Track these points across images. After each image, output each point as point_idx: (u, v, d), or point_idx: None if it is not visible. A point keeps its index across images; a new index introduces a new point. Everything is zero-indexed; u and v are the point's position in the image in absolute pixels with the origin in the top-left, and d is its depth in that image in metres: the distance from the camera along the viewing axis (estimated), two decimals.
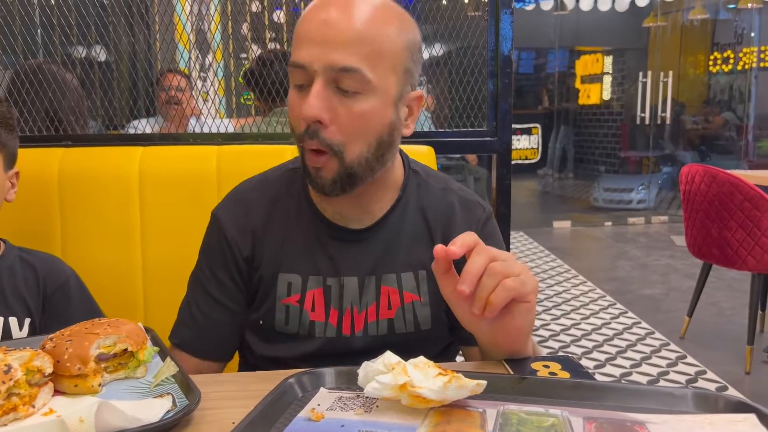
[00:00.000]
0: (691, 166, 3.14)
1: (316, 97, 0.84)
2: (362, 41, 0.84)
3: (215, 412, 0.70)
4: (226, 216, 1.03)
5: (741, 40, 7.93)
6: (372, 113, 0.87)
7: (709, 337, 3.45)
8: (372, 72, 0.84)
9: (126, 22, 1.73)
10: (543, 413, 0.65)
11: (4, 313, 1.08)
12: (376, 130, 0.88)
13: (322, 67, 0.84)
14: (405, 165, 1.04)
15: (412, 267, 0.99)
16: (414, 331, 0.99)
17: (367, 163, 0.89)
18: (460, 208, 1.03)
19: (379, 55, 0.85)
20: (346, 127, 0.86)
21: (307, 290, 0.97)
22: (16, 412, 0.66)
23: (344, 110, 0.85)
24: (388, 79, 0.87)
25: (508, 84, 1.64)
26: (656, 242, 6.12)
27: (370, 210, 0.99)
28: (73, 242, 1.38)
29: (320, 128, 0.86)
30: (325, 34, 0.84)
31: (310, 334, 0.97)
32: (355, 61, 0.83)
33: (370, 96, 0.86)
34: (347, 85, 0.84)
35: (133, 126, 1.76)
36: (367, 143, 0.88)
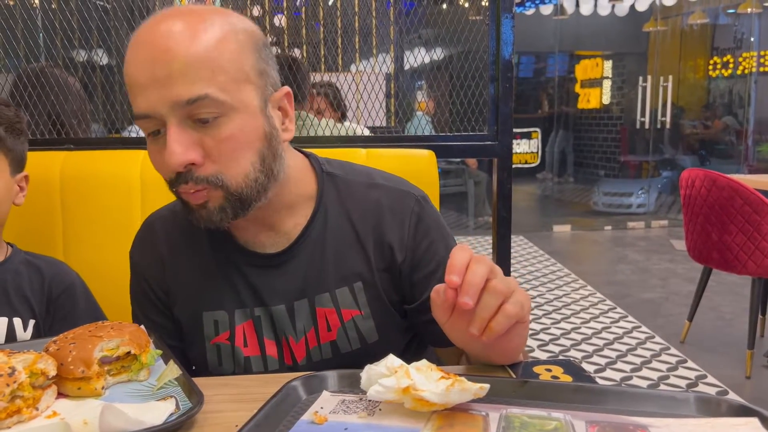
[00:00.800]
0: (691, 170, 3.15)
1: (176, 142, 0.76)
2: (198, 64, 0.76)
3: (218, 415, 0.70)
4: (136, 252, 1.00)
5: (741, 44, 7.94)
6: (241, 132, 0.79)
7: (709, 342, 3.45)
8: (222, 92, 0.77)
9: (128, 26, 1.73)
10: (545, 417, 0.65)
11: (8, 313, 1.09)
12: (252, 146, 0.81)
13: (168, 108, 0.76)
14: (317, 171, 0.96)
15: (345, 280, 0.92)
16: (360, 347, 0.93)
17: (256, 183, 0.82)
18: (389, 203, 0.94)
19: (222, 71, 0.77)
20: (219, 157, 0.79)
21: (236, 325, 0.91)
22: (20, 414, 0.66)
23: (211, 141, 0.78)
24: (243, 91, 0.79)
25: (509, 88, 1.64)
26: (656, 246, 6.12)
27: (283, 230, 0.92)
28: (75, 245, 1.38)
29: (193, 169, 0.78)
30: (156, 72, 0.75)
31: (246, 371, 0.92)
32: (200, 89, 0.75)
33: (231, 116, 0.78)
34: (203, 114, 0.76)
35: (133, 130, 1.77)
36: (249, 163, 0.81)
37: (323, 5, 1.86)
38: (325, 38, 1.84)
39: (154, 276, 0.97)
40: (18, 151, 1.12)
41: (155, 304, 0.98)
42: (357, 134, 2.04)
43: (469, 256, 0.70)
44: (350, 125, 3.01)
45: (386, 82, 1.88)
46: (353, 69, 1.89)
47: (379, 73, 1.81)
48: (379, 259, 0.93)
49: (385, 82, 1.86)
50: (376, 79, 1.76)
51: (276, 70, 0.86)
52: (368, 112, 1.74)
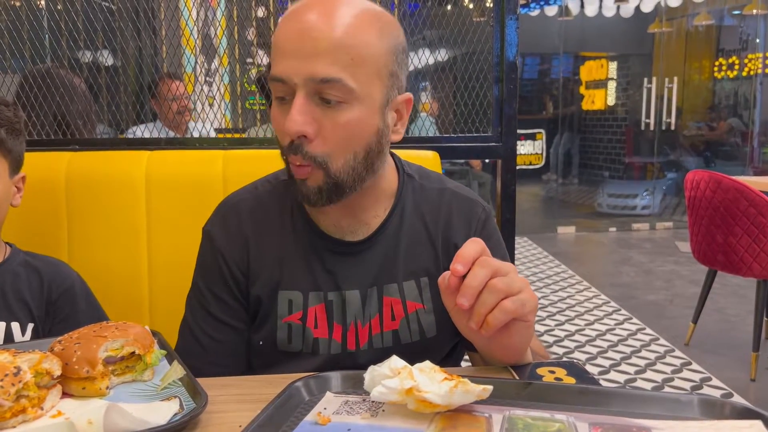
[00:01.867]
0: (696, 172, 3.14)
1: (298, 111, 0.81)
2: (342, 49, 0.80)
3: (222, 415, 0.70)
4: (217, 230, 1.00)
5: (746, 46, 7.92)
6: (357, 122, 0.84)
7: (714, 344, 3.44)
8: (354, 80, 0.81)
9: (133, 27, 1.74)
10: (549, 418, 0.65)
11: (6, 318, 1.08)
12: (363, 139, 0.86)
13: (303, 80, 0.81)
14: (399, 170, 1.02)
15: (413, 275, 0.97)
16: (420, 339, 0.97)
17: (354, 172, 0.87)
18: (458, 208, 1.01)
19: (360, 62, 0.82)
20: (331, 138, 0.84)
21: (309, 307, 0.95)
22: (25, 414, 0.66)
23: (329, 122, 0.83)
24: (373, 86, 0.84)
25: (513, 89, 1.64)
26: (661, 248, 6.11)
27: (364, 220, 0.97)
28: (80, 245, 1.39)
29: (304, 142, 0.83)
30: (302, 44, 0.80)
31: (313, 351, 0.95)
32: (335, 72, 0.80)
33: (354, 105, 0.83)
34: (330, 95, 0.81)
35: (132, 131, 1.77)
36: (353, 153, 0.86)
37: None
38: None
39: (234, 255, 0.98)
40: (17, 152, 1.11)
41: (227, 281, 0.98)
42: None
43: (479, 249, 0.74)
44: None
45: None
46: None
47: None
48: (446, 259, 0.98)
49: None
50: None
51: (406, 76, 0.91)
52: None
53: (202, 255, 1.02)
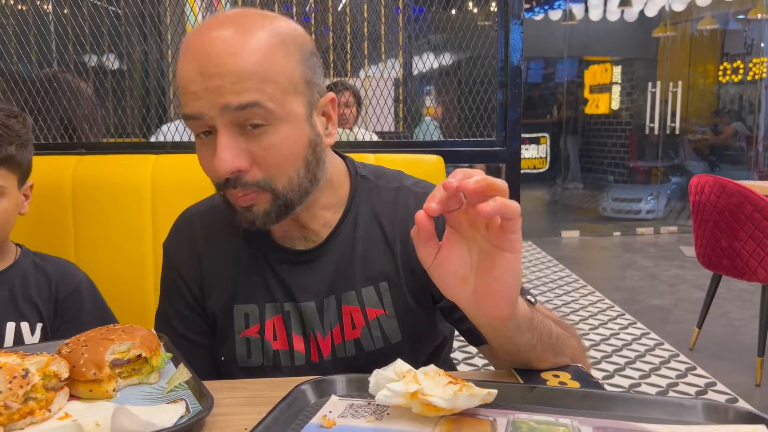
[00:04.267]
0: (701, 176, 3.14)
1: (225, 149, 0.78)
2: (250, 77, 0.77)
3: (228, 418, 0.71)
4: (173, 247, 1.01)
5: (751, 50, 7.90)
6: (287, 141, 0.81)
7: (718, 349, 3.42)
8: (271, 102, 0.79)
9: (139, 32, 1.75)
10: (553, 422, 0.65)
11: (16, 318, 1.09)
12: (298, 155, 0.84)
13: (218, 112, 0.78)
14: (351, 173, 0.99)
15: (371, 280, 0.94)
16: (384, 346, 0.94)
17: (300, 188, 0.85)
18: (417, 204, 0.93)
19: (271, 83, 0.79)
20: (266, 164, 0.81)
21: (266, 319, 0.93)
22: (33, 416, 0.67)
23: (258, 149, 0.80)
24: (291, 102, 0.81)
25: (518, 94, 1.65)
26: (665, 252, 6.09)
27: (314, 228, 0.94)
28: (86, 248, 1.40)
29: (241, 175, 0.81)
30: (208, 80, 0.77)
31: (275, 365, 0.94)
32: (249, 96, 0.77)
33: (278, 125, 0.80)
34: (251, 121, 0.79)
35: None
36: (294, 170, 0.84)
37: (332, 11, 1.87)
38: (335, 44, 1.85)
39: (188, 270, 0.98)
40: (26, 164, 1.11)
41: (186, 297, 0.98)
42: (366, 140, 2.05)
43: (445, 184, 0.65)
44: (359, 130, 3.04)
45: (395, 88, 1.89)
46: (362, 74, 1.90)
47: (387, 78, 1.82)
48: (406, 260, 0.95)
49: (394, 87, 1.86)
50: (385, 85, 1.77)
51: (322, 76, 0.88)
52: (377, 117, 1.75)
53: (163, 271, 1.03)
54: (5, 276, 1.12)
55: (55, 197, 1.39)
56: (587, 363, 0.90)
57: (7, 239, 1.14)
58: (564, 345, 0.84)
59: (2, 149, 1.04)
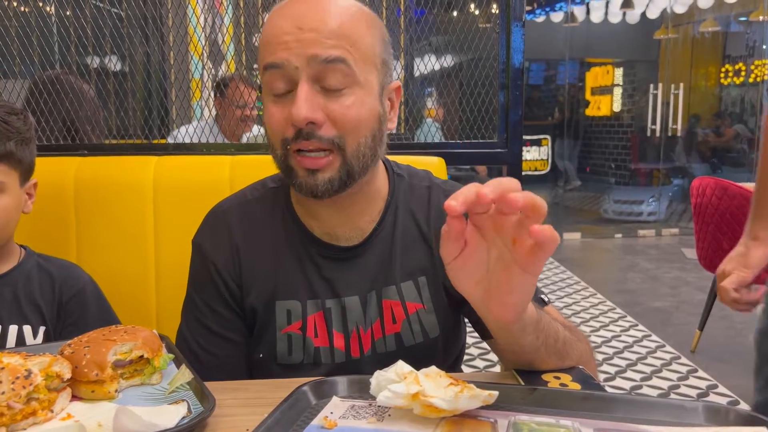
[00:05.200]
0: (702, 178, 3.13)
1: (305, 98, 0.81)
2: (341, 34, 0.82)
3: (229, 419, 0.71)
4: (207, 241, 0.99)
5: (752, 52, 7.91)
6: (362, 106, 0.85)
7: (720, 351, 3.42)
8: (355, 65, 0.83)
9: (142, 34, 1.76)
10: (554, 424, 0.65)
11: (18, 321, 1.09)
12: (369, 122, 0.87)
13: (305, 62, 0.81)
14: (389, 171, 1.01)
15: (410, 275, 0.96)
16: (423, 340, 0.96)
17: (364, 158, 0.88)
18: None
19: (357, 48, 0.84)
20: (340, 122, 0.84)
21: (308, 315, 0.94)
22: (35, 416, 0.67)
23: (336, 106, 0.84)
24: (370, 72, 0.86)
25: (519, 96, 1.65)
26: (667, 255, 6.09)
27: (358, 224, 0.96)
28: (88, 250, 1.40)
29: (315, 129, 0.83)
30: (301, 33, 0.82)
31: (315, 361, 0.94)
32: (339, 53, 0.82)
33: (356, 89, 0.85)
34: (333, 80, 0.82)
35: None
36: (363, 137, 0.87)
37: None
38: None
39: (226, 265, 0.97)
40: (27, 161, 1.11)
41: (222, 293, 0.97)
42: None
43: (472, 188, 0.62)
44: None
45: None
46: None
47: None
48: None
49: None
50: None
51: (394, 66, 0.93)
52: None
53: (194, 266, 1.00)
54: (8, 278, 1.11)
55: (58, 198, 1.39)
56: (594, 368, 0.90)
57: (11, 240, 1.14)
58: (570, 350, 0.83)
59: (2, 145, 1.04)
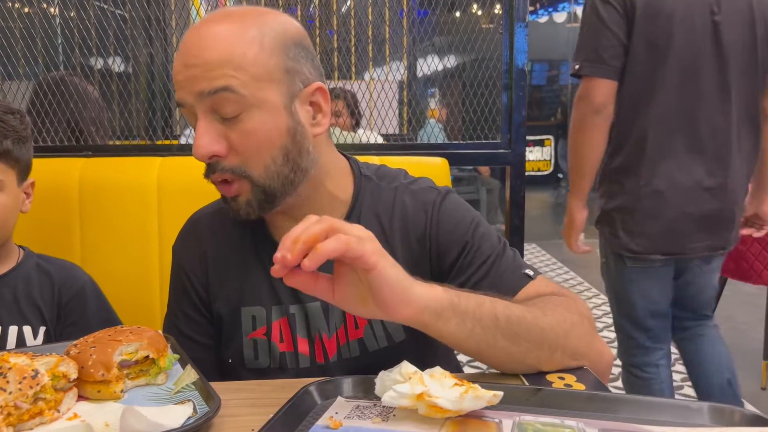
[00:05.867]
0: None
1: (202, 133, 0.83)
2: (220, 62, 0.82)
3: (235, 419, 0.71)
4: (180, 249, 1.04)
5: None
6: (262, 128, 0.85)
7: None
8: (243, 88, 0.82)
9: (145, 35, 1.76)
10: (558, 424, 0.65)
11: (18, 322, 1.09)
12: (275, 142, 0.86)
13: (195, 98, 0.83)
14: (355, 173, 1.00)
15: None
16: (388, 344, 0.95)
17: (280, 176, 0.87)
18: (412, 200, 0.98)
19: (244, 69, 0.83)
20: (241, 150, 0.85)
21: (273, 321, 0.95)
22: (42, 416, 0.68)
23: (234, 135, 0.84)
24: (265, 90, 0.84)
25: (522, 96, 1.65)
26: None
27: None
28: (93, 251, 1.40)
29: (219, 160, 0.85)
30: (187, 71, 0.84)
31: (281, 366, 0.95)
32: (220, 83, 0.82)
33: (252, 112, 0.84)
34: (225, 110, 0.83)
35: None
36: (271, 158, 0.86)
37: (337, 13, 1.88)
38: (339, 46, 1.85)
39: (195, 272, 1.00)
40: (24, 160, 1.11)
41: (192, 299, 1.00)
42: (370, 142, 2.06)
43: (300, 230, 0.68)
44: (364, 133, 3.04)
45: (399, 90, 1.90)
46: (366, 77, 1.91)
47: (392, 81, 1.82)
48: (408, 256, 0.95)
49: (398, 89, 1.87)
50: (389, 87, 1.77)
51: (311, 65, 0.90)
52: (381, 119, 1.75)
53: (171, 274, 1.05)
54: (8, 279, 1.11)
55: (62, 199, 1.40)
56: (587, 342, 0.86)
57: (10, 241, 1.14)
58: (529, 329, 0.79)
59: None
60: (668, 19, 1.67)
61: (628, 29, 1.70)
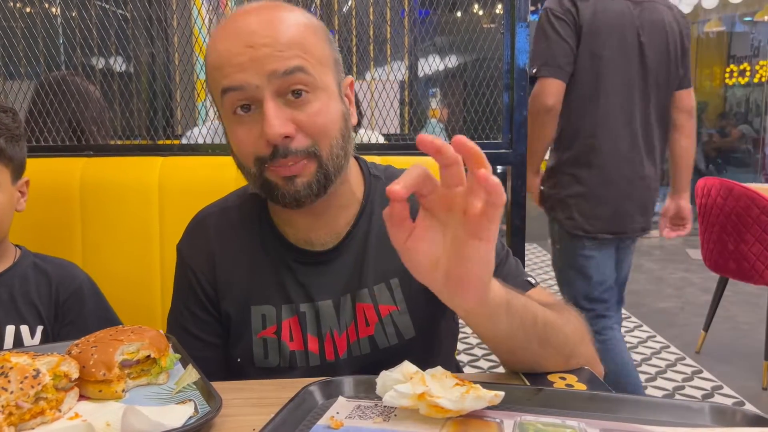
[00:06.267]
0: (707, 179, 3.13)
1: (275, 115, 0.82)
2: (293, 44, 0.84)
3: (236, 418, 0.71)
4: (187, 248, 1.02)
5: (757, 52, 7.88)
6: (327, 109, 0.87)
7: (725, 352, 3.41)
8: (313, 69, 0.85)
9: (147, 34, 1.76)
10: (560, 424, 0.65)
11: (15, 321, 1.09)
12: (336, 124, 0.88)
13: (265, 79, 0.82)
14: (365, 173, 1.02)
15: (383, 277, 0.96)
16: (398, 342, 0.95)
17: (338, 158, 0.89)
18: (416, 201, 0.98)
19: (311, 53, 0.85)
20: (312, 130, 0.85)
21: (283, 320, 0.95)
22: (44, 416, 0.68)
23: (303, 116, 0.85)
24: (325, 75, 0.87)
25: (524, 96, 1.65)
26: (671, 255, 6.07)
27: (333, 228, 0.96)
28: (94, 250, 1.40)
29: (288, 143, 0.84)
30: (252, 49, 0.82)
31: (291, 365, 0.95)
32: (295, 63, 0.83)
33: (319, 94, 0.86)
34: (297, 87, 0.84)
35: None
36: (335, 138, 0.88)
37: (338, 13, 1.88)
38: (340, 46, 1.85)
39: (203, 271, 0.99)
40: (18, 159, 1.11)
41: (199, 298, 0.99)
42: (372, 142, 2.06)
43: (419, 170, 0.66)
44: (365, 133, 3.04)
45: (400, 90, 1.89)
46: (368, 77, 1.91)
47: (393, 80, 1.82)
48: None
49: (399, 89, 1.87)
50: (391, 87, 1.77)
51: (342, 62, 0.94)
52: (382, 119, 1.75)
53: (176, 272, 1.04)
54: (4, 278, 1.11)
55: (63, 199, 1.40)
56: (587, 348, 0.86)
57: (6, 240, 1.13)
58: (554, 333, 0.79)
59: None
60: (607, 37, 2.02)
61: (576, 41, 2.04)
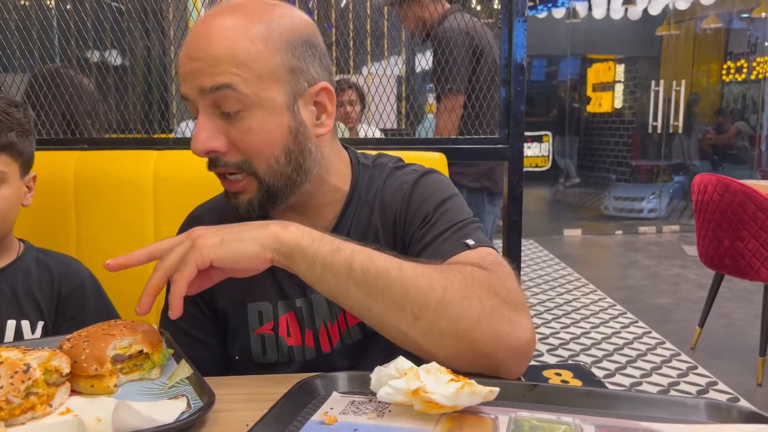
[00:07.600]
0: (704, 175, 3.13)
1: (201, 129, 0.83)
2: (224, 59, 0.81)
3: (229, 414, 0.70)
4: None
5: (755, 49, 7.88)
6: (263, 127, 0.84)
7: (720, 348, 3.42)
8: (245, 86, 0.82)
9: (142, 27, 1.75)
10: (555, 420, 0.65)
11: (16, 315, 1.09)
12: (276, 142, 0.85)
13: (197, 93, 0.83)
14: (354, 164, 1.01)
15: None
16: None
17: (282, 176, 0.87)
18: (391, 182, 0.99)
19: (248, 67, 0.82)
20: (242, 147, 0.85)
21: (279, 316, 0.95)
22: (34, 411, 0.67)
23: (234, 132, 0.84)
24: (268, 89, 0.83)
25: (521, 92, 1.64)
26: (667, 252, 6.08)
27: (321, 222, 0.96)
28: (88, 244, 1.40)
29: (219, 156, 0.85)
30: (190, 65, 0.83)
31: (289, 360, 0.96)
32: (223, 79, 0.81)
33: (254, 110, 0.83)
34: (226, 107, 0.82)
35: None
36: (273, 156, 0.86)
37: (335, 7, 1.87)
38: (337, 40, 1.84)
39: None
40: (27, 153, 1.11)
41: (194, 297, 0.96)
42: (369, 136, 2.05)
43: None
44: (362, 127, 3.04)
45: (397, 84, 1.89)
46: (365, 71, 1.90)
47: (390, 75, 1.82)
48: (389, 237, 0.96)
49: (397, 84, 1.86)
50: (388, 82, 1.76)
51: (318, 64, 0.89)
52: (379, 114, 1.74)
53: None
54: (7, 272, 1.11)
55: (58, 192, 1.39)
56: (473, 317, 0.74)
57: (10, 234, 1.13)
58: (390, 285, 0.75)
59: (3, 136, 1.04)
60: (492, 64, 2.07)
61: None
